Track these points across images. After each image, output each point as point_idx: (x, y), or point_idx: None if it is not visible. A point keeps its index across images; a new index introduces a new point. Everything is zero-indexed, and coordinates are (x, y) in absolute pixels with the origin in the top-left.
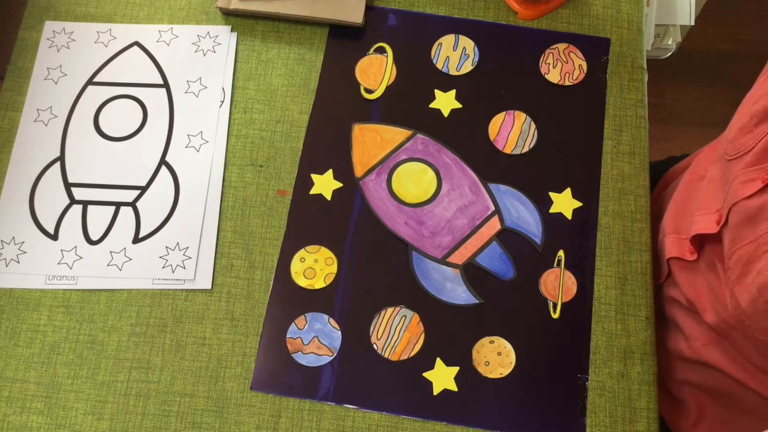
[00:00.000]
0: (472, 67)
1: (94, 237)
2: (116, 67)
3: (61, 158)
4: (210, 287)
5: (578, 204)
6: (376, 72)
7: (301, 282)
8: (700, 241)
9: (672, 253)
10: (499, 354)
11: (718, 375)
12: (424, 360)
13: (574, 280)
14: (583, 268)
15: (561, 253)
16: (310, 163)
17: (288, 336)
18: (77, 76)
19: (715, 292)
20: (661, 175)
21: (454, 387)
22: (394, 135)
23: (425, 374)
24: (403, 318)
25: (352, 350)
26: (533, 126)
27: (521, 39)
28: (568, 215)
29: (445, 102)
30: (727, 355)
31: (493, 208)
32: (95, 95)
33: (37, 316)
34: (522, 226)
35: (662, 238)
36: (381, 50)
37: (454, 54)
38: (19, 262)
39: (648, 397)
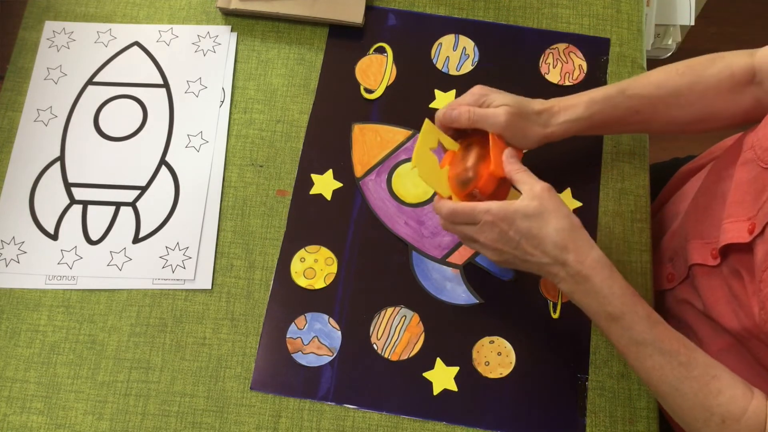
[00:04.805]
0: (472, 67)
1: (94, 237)
2: (116, 67)
3: (61, 158)
4: (210, 287)
5: (578, 204)
6: (376, 72)
7: (301, 282)
8: (724, 248)
9: (695, 260)
10: (499, 354)
11: None
12: (424, 360)
13: None
14: None
15: None
16: (310, 163)
17: (288, 336)
18: (77, 76)
19: (739, 300)
20: (667, 176)
21: (454, 387)
22: (394, 135)
23: (425, 374)
24: (403, 318)
25: (352, 350)
26: None
27: (521, 39)
28: None
29: (445, 102)
30: (744, 362)
31: None
32: (95, 95)
33: (37, 316)
34: None
35: (683, 243)
36: (381, 50)
37: (454, 54)
38: (19, 262)
39: (648, 397)
